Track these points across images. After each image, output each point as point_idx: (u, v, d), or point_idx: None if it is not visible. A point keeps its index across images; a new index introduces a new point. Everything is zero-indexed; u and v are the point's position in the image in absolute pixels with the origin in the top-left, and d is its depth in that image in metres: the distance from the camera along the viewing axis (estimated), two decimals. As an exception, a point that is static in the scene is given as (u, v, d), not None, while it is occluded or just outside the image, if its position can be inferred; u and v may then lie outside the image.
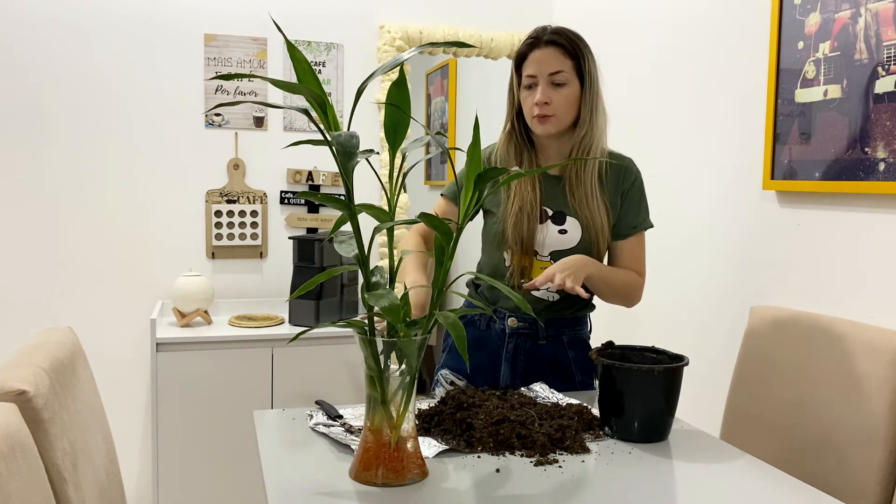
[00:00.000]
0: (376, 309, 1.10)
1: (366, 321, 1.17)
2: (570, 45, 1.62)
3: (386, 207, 1.16)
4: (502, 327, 1.72)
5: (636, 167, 1.72)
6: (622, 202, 1.69)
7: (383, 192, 1.29)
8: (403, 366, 1.15)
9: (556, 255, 1.66)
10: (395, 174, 1.17)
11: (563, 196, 1.68)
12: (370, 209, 1.10)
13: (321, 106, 1.08)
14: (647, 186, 1.74)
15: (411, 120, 1.19)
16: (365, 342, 1.15)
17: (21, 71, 2.61)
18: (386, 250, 2.94)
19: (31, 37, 2.60)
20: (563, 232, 1.66)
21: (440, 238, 1.16)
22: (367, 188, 2.89)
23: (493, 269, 1.73)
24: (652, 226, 1.73)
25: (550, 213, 1.67)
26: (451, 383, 1.76)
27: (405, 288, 1.24)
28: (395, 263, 1.23)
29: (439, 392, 1.77)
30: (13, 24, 2.58)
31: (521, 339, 1.71)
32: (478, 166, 1.14)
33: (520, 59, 1.67)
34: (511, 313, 1.71)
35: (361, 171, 2.74)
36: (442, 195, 1.79)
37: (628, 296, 1.69)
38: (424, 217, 1.13)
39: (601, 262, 1.69)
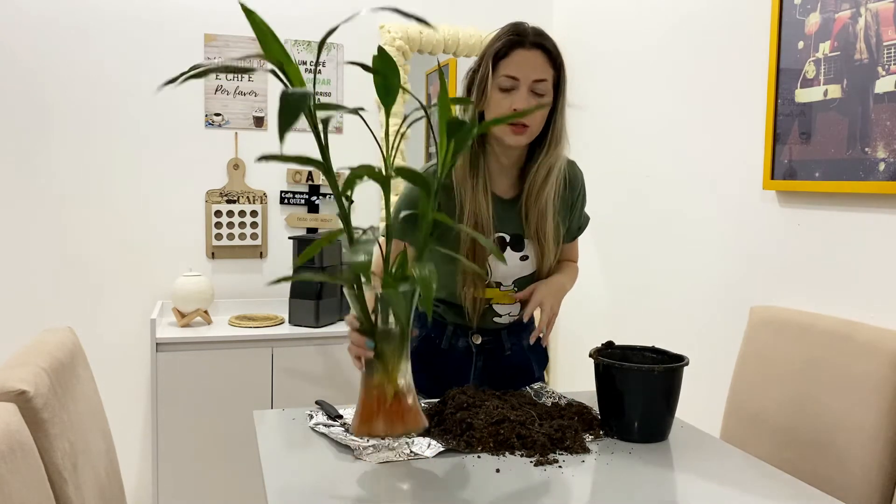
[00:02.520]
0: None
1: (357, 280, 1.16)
2: (555, 53, 1.49)
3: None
4: (466, 345, 1.64)
5: (579, 171, 1.64)
6: (571, 212, 1.62)
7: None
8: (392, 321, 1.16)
9: (520, 283, 1.59)
10: (392, 138, 1.15)
11: (517, 219, 1.56)
12: (363, 170, 1.06)
13: (282, 68, 1.07)
14: (645, 186, 1.74)
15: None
16: (353, 296, 1.15)
17: (21, 71, 2.61)
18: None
19: (30, 37, 2.60)
20: (524, 258, 1.56)
21: (422, 194, 1.13)
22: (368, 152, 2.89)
23: (450, 290, 1.59)
24: (589, 218, 1.71)
25: (508, 238, 1.56)
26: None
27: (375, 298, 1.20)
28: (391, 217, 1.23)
29: None
30: (13, 24, 2.58)
31: (488, 355, 1.65)
32: (448, 113, 1.10)
33: (499, 56, 1.47)
34: (478, 329, 1.63)
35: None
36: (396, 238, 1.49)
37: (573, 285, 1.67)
38: (401, 172, 1.09)
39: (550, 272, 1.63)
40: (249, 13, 1.05)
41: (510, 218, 1.56)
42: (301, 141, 2.93)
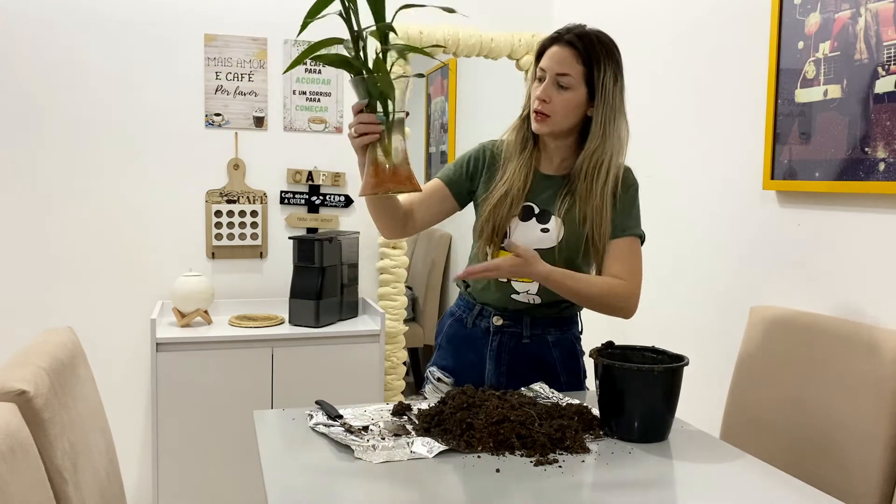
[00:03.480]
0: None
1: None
2: (584, 51, 1.56)
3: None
4: (487, 325, 1.69)
5: (634, 177, 1.67)
6: (613, 209, 1.62)
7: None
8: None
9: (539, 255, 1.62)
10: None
11: (554, 197, 1.64)
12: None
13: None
14: (645, 186, 1.74)
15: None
16: (361, 84, 1.43)
17: (20, 71, 2.61)
18: (385, 251, 2.94)
19: (30, 37, 2.61)
20: (545, 231, 1.62)
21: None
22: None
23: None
24: (643, 235, 1.65)
25: (537, 210, 1.63)
26: (438, 380, 1.75)
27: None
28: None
29: (428, 389, 1.78)
30: (13, 24, 2.58)
31: (506, 338, 1.68)
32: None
33: (541, 51, 1.63)
34: (496, 311, 1.68)
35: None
36: (437, 177, 1.75)
37: (608, 303, 1.59)
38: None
39: (586, 267, 1.64)
40: None
41: (548, 193, 1.64)
42: (301, 140, 2.93)
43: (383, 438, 1.37)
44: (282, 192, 2.89)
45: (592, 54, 1.57)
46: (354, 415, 1.50)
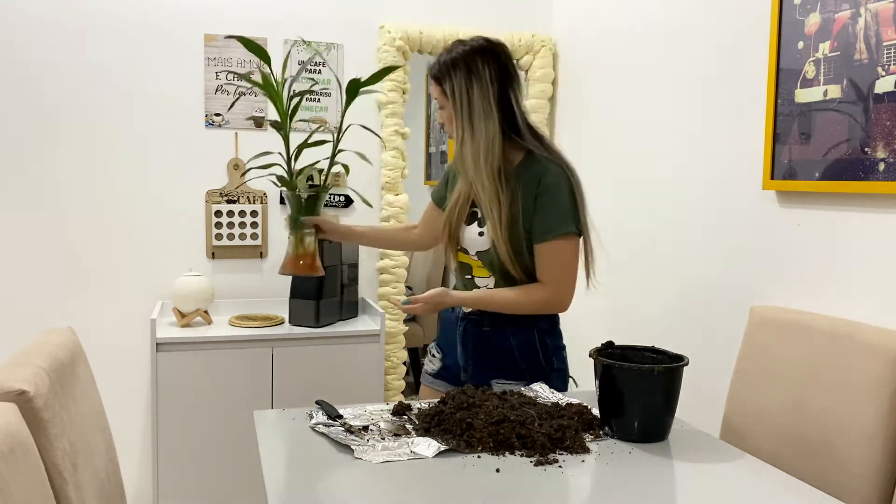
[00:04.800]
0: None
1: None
2: (437, 73, 1.76)
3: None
4: (459, 312, 1.87)
5: (557, 170, 1.71)
6: (535, 206, 1.70)
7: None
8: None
9: (481, 256, 1.79)
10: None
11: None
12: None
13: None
14: (645, 187, 1.74)
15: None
16: (290, 197, 1.92)
17: (20, 72, 2.61)
18: (385, 251, 2.94)
19: (30, 37, 2.60)
20: (481, 234, 1.77)
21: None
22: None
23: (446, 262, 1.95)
24: (570, 233, 1.69)
25: (479, 215, 1.78)
26: (432, 354, 1.97)
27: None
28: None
29: (427, 359, 2.00)
30: (12, 24, 2.58)
31: (470, 325, 1.83)
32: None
33: None
34: None
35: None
36: (431, 198, 2.00)
37: (532, 309, 1.74)
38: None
39: (511, 264, 1.72)
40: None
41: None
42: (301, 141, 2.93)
43: (383, 438, 1.37)
44: (282, 192, 2.89)
45: (440, 72, 1.76)
46: (354, 415, 1.50)
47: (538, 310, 1.74)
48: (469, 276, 1.84)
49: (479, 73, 1.70)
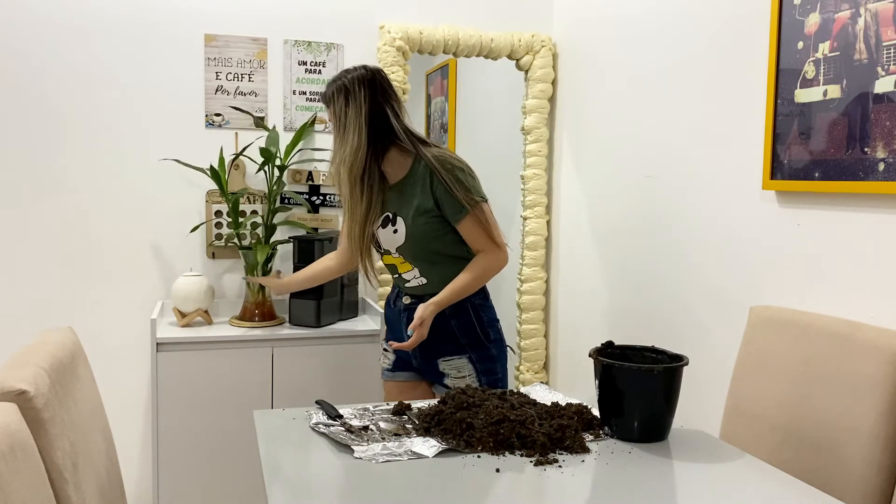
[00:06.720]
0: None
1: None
2: (324, 100, 2.02)
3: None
4: (401, 305, 2.12)
5: (442, 159, 1.96)
6: (438, 198, 1.96)
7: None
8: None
9: (401, 251, 2.03)
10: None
11: (395, 202, 2.02)
12: None
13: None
14: (645, 187, 1.74)
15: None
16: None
17: (20, 72, 2.61)
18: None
19: (29, 37, 2.61)
20: (395, 231, 2.02)
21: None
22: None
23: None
24: (478, 200, 1.96)
25: (391, 215, 2.02)
26: (384, 350, 2.20)
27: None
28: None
29: (381, 358, 2.23)
30: (12, 24, 2.58)
31: (412, 313, 2.00)
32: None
33: None
34: (405, 293, 2.11)
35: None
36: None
37: (486, 277, 2.00)
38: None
39: (446, 244, 2.00)
40: None
41: (394, 200, 2.03)
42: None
43: (383, 438, 1.37)
44: (281, 192, 2.89)
45: (326, 98, 2.02)
46: (354, 415, 1.51)
47: (493, 273, 2.00)
48: (398, 275, 2.08)
49: (355, 95, 1.95)
